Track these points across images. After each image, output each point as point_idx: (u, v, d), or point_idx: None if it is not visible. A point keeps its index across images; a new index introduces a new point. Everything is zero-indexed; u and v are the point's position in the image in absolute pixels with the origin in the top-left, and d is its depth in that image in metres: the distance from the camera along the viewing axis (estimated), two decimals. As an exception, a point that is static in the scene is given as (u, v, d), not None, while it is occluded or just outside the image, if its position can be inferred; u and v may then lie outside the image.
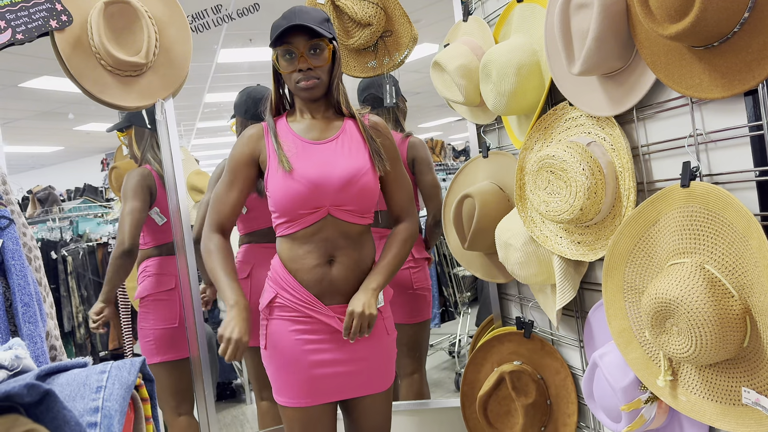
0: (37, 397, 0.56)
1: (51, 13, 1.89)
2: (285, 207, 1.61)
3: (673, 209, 1.30)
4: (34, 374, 0.68)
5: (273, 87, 1.73)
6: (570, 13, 1.38)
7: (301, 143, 1.66)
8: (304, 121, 1.70)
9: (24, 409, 0.57)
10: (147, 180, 2.40)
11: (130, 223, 2.32)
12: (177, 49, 2.14)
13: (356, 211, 1.64)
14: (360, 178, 1.63)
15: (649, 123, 1.44)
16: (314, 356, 1.64)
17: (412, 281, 2.49)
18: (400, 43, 2.13)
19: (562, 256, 1.64)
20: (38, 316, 1.63)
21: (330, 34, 1.62)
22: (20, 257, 1.64)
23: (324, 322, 1.64)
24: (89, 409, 0.67)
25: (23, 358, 0.76)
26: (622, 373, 1.46)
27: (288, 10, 1.61)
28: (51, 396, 0.56)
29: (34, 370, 0.72)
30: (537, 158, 1.55)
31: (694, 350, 1.16)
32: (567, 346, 1.93)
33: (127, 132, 2.54)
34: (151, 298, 2.47)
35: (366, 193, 1.64)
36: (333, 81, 1.67)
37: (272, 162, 1.64)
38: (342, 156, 1.65)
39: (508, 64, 1.68)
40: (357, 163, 1.64)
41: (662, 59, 1.28)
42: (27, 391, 0.55)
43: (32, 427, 0.56)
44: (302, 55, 1.59)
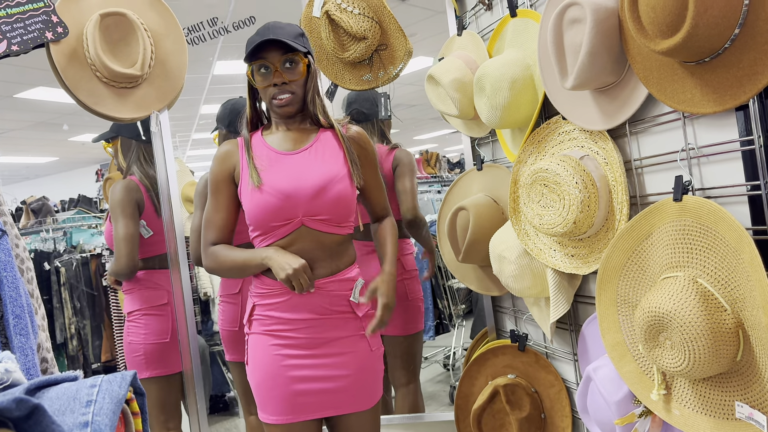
0: (26, 412, 0.55)
1: (47, 24, 1.90)
2: (257, 220, 1.60)
3: (665, 223, 1.30)
4: (23, 388, 0.67)
5: (248, 102, 1.72)
6: (563, 28, 1.39)
7: (274, 155, 1.65)
8: (278, 134, 1.70)
9: (13, 424, 0.57)
10: (133, 193, 2.37)
11: (126, 241, 2.29)
12: (173, 61, 2.14)
13: (332, 221, 1.62)
14: (334, 185, 1.61)
15: (642, 137, 1.45)
16: (294, 372, 1.61)
17: (406, 292, 2.50)
18: (395, 56, 2.14)
19: (555, 269, 1.65)
20: (30, 329, 1.62)
21: (304, 48, 1.61)
22: (12, 269, 1.63)
23: (303, 337, 1.62)
24: (79, 423, 0.66)
25: (13, 371, 0.75)
26: (616, 387, 1.46)
27: (262, 26, 1.62)
28: (40, 410, 0.56)
29: (24, 383, 0.72)
30: (530, 171, 1.56)
31: (688, 364, 1.16)
32: (561, 360, 1.93)
33: (114, 143, 2.51)
34: (141, 313, 2.43)
35: (341, 201, 1.62)
36: (308, 95, 1.66)
37: (244, 176, 1.63)
38: (315, 164, 1.63)
39: (502, 78, 1.69)
40: (331, 171, 1.62)
41: (654, 74, 1.29)
42: (16, 405, 0.54)
43: (20, 442, 0.55)
44: (277, 69, 1.58)
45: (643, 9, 1.15)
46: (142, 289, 2.45)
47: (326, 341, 1.63)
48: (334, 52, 2.14)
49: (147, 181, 2.43)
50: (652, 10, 1.13)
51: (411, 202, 2.40)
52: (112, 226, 2.36)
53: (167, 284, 2.46)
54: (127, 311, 2.46)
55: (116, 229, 2.33)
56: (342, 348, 1.64)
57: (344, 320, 1.65)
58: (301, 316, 1.61)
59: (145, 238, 2.43)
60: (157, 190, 2.41)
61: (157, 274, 2.47)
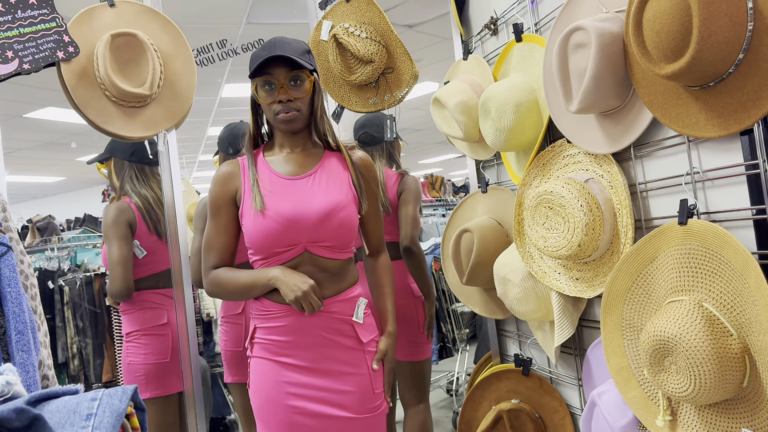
0: (26, 422, 0.55)
1: (58, 44, 1.93)
2: (259, 245, 1.58)
3: (670, 247, 1.30)
4: (24, 400, 0.67)
5: (251, 119, 1.70)
6: (568, 52, 1.40)
7: (277, 179, 1.62)
8: (281, 155, 1.66)
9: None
10: (125, 214, 2.36)
11: (120, 263, 2.29)
12: (181, 82, 2.16)
13: (335, 247, 1.60)
14: (338, 212, 1.58)
15: (647, 161, 1.46)
16: (294, 399, 1.57)
17: (419, 322, 2.50)
18: (401, 80, 2.16)
19: (560, 292, 1.64)
20: (32, 345, 1.62)
21: (311, 66, 1.59)
22: (17, 284, 1.64)
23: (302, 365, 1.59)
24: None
25: (14, 384, 0.75)
26: (621, 412, 1.44)
27: (268, 41, 1.60)
28: (40, 421, 0.56)
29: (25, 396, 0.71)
30: (535, 194, 1.56)
31: (693, 389, 1.15)
32: (566, 385, 1.91)
33: (107, 164, 2.52)
34: (140, 333, 2.41)
35: (344, 228, 1.60)
36: (315, 113, 1.64)
37: (247, 199, 1.60)
38: (319, 191, 1.60)
39: (507, 102, 1.70)
40: (335, 198, 1.60)
41: (659, 98, 1.30)
42: (16, 415, 0.54)
43: (19, 453, 0.55)
44: (282, 86, 1.56)
45: (647, 34, 1.16)
46: (140, 310, 2.43)
47: (327, 370, 1.59)
48: (341, 74, 2.16)
49: (140, 200, 2.42)
50: (656, 35, 1.14)
51: (410, 231, 2.41)
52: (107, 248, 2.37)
53: (166, 304, 2.45)
54: (125, 332, 2.45)
55: (109, 251, 2.33)
56: (343, 383, 1.59)
57: (347, 350, 1.61)
58: (302, 339, 1.58)
59: (140, 258, 2.42)
60: (151, 210, 2.42)
61: (155, 295, 2.46)
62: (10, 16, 1.87)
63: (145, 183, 2.47)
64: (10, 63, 1.87)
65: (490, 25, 2.04)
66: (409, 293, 2.51)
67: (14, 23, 1.88)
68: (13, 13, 1.87)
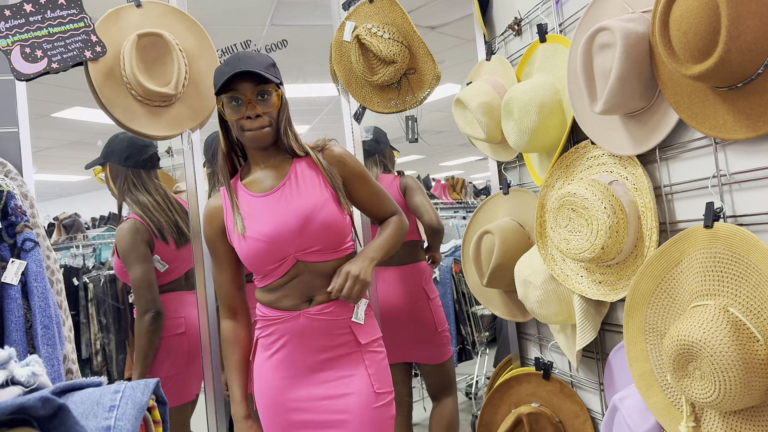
0: (51, 411, 0.56)
1: (86, 44, 1.96)
2: (251, 265, 1.58)
3: (696, 250, 1.28)
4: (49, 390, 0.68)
5: (222, 137, 1.69)
6: (593, 52, 1.39)
7: (253, 200, 1.61)
8: (255, 174, 1.66)
9: (37, 423, 0.57)
10: (140, 235, 2.34)
11: (146, 288, 2.28)
12: (206, 82, 2.18)
13: (325, 249, 1.58)
14: (317, 215, 1.56)
15: (672, 163, 1.44)
16: (292, 403, 1.58)
17: (435, 324, 2.51)
18: (423, 80, 2.15)
19: (582, 295, 1.62)
20: (57, 339, 1.65)
21: (277, 79, 1.58)
22: (43, 279, 1.67)
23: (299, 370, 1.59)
24: (102, 427, 0.67)
25: (40, 375, 0.76)
26: (643, 418, 1.42)
27: (232, 56, 1.57)
28: (64, 411, 0.57)
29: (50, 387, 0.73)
30: (558, 196, 1.54)
31: (718, 395, 1.13)
32: (587, 389, 1.89)
33: (103, 169, 2.50)
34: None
35: (328, 228, 1.57)
36: (280, 126, 1.62)
37: (230, 226, 1.61)
38: (293, 199, 1.58)
39: (531, 102, 1.69)
40: (310, 202, 1.57)
41: (685, 99, 1.28)
42: (41, 404, 0.55)
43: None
44: (250, 101, 1.54)
45: (674, 34, 1.15)
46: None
47: (325, 379, 1.58)
48: (363, 75, 2.17)
49: (140, 209, 2.40)
50: (683, 35, 1.12)
51: (433, 213, 2.53)
52: (126, 269, 2.34)
53: (182, 309, 2.46)
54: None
55: (132, 274, 2.31)
56: (342, 388, 1.57)
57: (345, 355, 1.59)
58: (299, 346, 1.58)
59: (161, 272, 2.43)
60: (153, 216, 2.40)
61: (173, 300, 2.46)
62: (39, 16, 1.90)
63: (143, 188, 2.44)
64: (39, 62, 1.90)
65: (514, 25, 2.03)
66: (423, 296, 2.53)
67: (44, 23, 1.91)
68: (42, 13, 1.91)
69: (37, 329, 1.61)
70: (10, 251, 1.66)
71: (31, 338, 1.63)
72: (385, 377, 1.62)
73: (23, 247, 1.65)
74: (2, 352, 0.70)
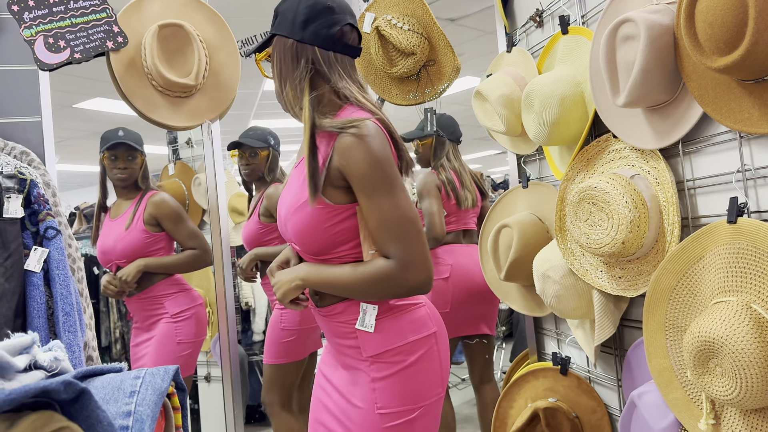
0: (73, 395, 0.57)
1: (108, 34, 1.97)
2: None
3: (718, 246, 1.26)
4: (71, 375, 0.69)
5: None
6: (616, 44, 1.37)
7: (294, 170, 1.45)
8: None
9: (60, 407, 0.58)
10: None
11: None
12: (226, 73, 2.19)
13: (307, 252, 1.35)
14: (289, 218, 1.33)
15: (695, 157, 1.42)
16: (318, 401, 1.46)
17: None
18: (442, 72, 2.14)
19: (602, 290, 1.61)
20: (78, 326, 1.67)
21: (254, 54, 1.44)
22: (64, 267, 1.69)
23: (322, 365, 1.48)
24: (122, 412, 0.68)
25: (62, 360, 0.77)
26: (662, 415, 1.41)
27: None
28: (86, 395, 0.57)
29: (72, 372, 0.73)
30: (579, 189, 1.53)
31: (739, 393, 1.12)
32: (604, 385, 1.87)
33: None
34: (190, 312, 2.58)
35: (300, 235, 1.32)
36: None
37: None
38: (285, 190, 1.40)
39: (552, 95, 1.67)
40: (288, 199, 1.36)
41: (710, 93, 1.26)
42: (63, 388, 0.55)
43: (66, 424, 0.57)
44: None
45: (700, 26, 1.13)
46: (185, 290, 2.59)
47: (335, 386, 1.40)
48: (383, 67, 2.16)
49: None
50: (709, 27, 1.10)
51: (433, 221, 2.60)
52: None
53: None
54: (173, 313, 2.53)
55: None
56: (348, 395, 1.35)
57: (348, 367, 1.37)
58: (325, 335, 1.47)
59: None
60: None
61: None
62: (63, 7, 1.92)
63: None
64: (62, 52, 1.92)
65: (536, 17, 2.01)
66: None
67: (66, 13, 1.93)
68: (65, 4, 1.92)
69: (59, 316, 1.64)
70: (33, 239, 1.68)
71: (53, 325, 1.65)
72: (396, 395, 1.29)
73: (45, 235, 1.67)
74: (25, 336, 0.71)
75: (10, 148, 1.79)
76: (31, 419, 0.56)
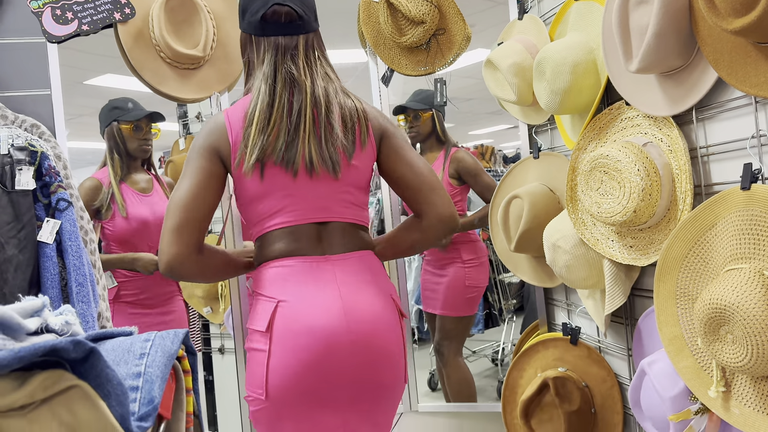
0: (82, 354, 0.57)
1: (115, 5, 1.96)
2: None
3: (731, 213, 1.24)
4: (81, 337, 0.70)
5: None
6: (629, 8, 1.34)
7: None
8: None
9: (70, 366, 0.59)
10: None
11: None
12: (233, 45, 2.18)
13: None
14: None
15: (709, 123, 1.39)
16: None
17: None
18: (452, 41, 2.12)
19: (613, 260, 1.60)
20: (91, 296, 1.69)
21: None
22: (77, 238, 1.70)
23: None
24: (132, 373, 0.68)
25: (73, 324, 0.78)
26: (672, 382, 1.40)
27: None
28: (95, 354, 0.58)
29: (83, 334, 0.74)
30: (590, 158, 1.51)
31: (750, 360, 1.11)
32: (615, 355, 1.88)
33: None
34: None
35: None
36: None
37: None
38: None
39: (564, 62, 1.65)
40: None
41: (725, 57, 1.23)
42: (73, 347, 0.56)
43: (77, 383, 0.57)
44: None
45: (715, -14, 1.10)
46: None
47: None
48: (392, 36, 2.14)
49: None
50: (725, -13, 1.07)
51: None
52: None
53: None
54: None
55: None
56: None
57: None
58: None
59: None
60: None
61: None
62: (69, -23, 1.91)
63: None
64: (70, 24, 1.91)
65: (547, -16, 1.97)
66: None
67: (74, -16, 1.92)
68: (72, -25, 1.91)
69: (72, 287, 1.66)
70: (45, 211, 1.70)
71: (67, 296, 1.67)
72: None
73: (57, 207, 1.69)
74: (36, 300, 0.71)
75: (21, 120, 1.80)
76: (41, 378, 0.57)
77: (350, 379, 1.32)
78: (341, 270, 1.37)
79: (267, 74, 1.40)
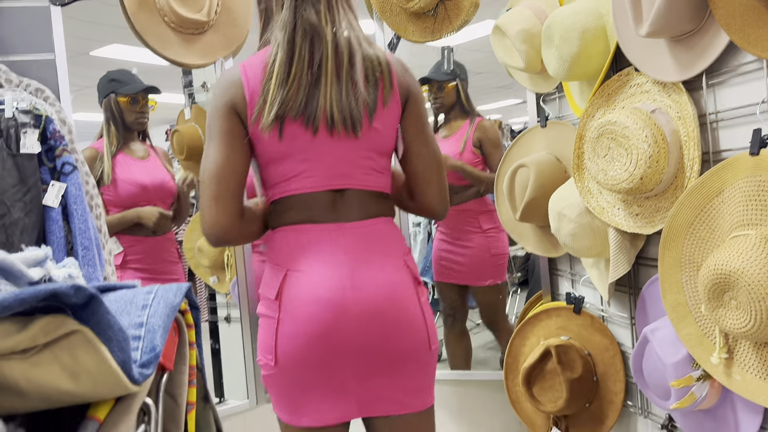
0: (83, 300, 0.57)
1: (119, -32, 1.94)
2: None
3: (739, 179, 1.23)
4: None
5: None
6: (640, -30, 1.32)
7: None
8: None
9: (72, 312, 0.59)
10: None
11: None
12: (238, 9, 2.16)
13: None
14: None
15: (719, 89, 1.37)
16: None
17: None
18: (460, 7, 2.08)
19: (618, 228, 1.59)
20: (97, 260, 1.70)
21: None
22: (82, 202, 1.70)
23: None
24: (134, 323, 0.69)
25: (76, 277, 0.78)
26: (674, 349, 1.41)
27: None
28: (96, 300, 0.58)
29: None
30: (598, 125, 1.50)
31: (753, 325, 1.11)
32: (618, 324, 1.88)
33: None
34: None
35: None
36: None
37: None
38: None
39: (572, 28, 1.62)
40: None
41: (737, 20, 1.21)
42: (74, 291, 0.56)
43: (78, 328, 0.58)
44: None
45: (729, -55, 1.08)
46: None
47: None
48: (399, 2, 2.11)
49: None
50: (739, -55, 1.05)
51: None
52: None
53: None
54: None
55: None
56: None
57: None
58: None
59: None
60: None
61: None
62: (73, -61, 1.88)
63: None
64: (74, -13, 1.89)
65: (558, -52, 1.93)
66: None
67: (77, -54, 1.90)
68: (75, -64, 1.89)
69: (78, 250, 1.66)
70: (51, 175, 1.70)
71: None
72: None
73: (63, 171, 1.69)
74: (39, 251, 0.72)
75: (25, 84, 1.79)
76: (43, 322, 0.57)
77: (360, 348, 1.29)
78: (353, 238, 1.33)
79: (286, 21, 1.31)
